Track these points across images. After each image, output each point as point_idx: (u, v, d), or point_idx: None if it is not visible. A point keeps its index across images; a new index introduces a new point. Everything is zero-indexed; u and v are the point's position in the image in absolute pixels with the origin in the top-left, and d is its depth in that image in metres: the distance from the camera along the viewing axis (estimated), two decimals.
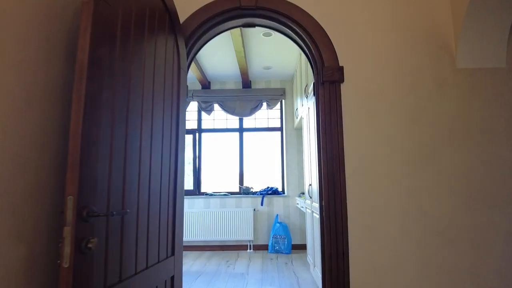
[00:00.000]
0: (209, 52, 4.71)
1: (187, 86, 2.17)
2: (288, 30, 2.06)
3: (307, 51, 2.06)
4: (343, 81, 1.97)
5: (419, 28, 2.07)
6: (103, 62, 1.20)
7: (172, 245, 1.74)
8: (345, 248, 1.80)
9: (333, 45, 1.98)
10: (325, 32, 1.98)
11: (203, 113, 5.90)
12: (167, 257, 1.67)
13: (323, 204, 1.86)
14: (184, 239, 5.33)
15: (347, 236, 1.82)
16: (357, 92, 1.99)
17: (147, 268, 1.46)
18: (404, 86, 2.02)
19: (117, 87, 1.30)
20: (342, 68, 1.97)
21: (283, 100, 5.84)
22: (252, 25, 2.22)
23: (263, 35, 4.20)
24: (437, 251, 1.91)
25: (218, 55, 4.81)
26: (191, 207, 5.50)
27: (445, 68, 2.03)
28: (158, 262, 1.57)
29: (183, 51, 1.92)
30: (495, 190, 1.97)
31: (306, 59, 4.10)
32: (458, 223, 1.94)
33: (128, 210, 1.19)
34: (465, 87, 2.03)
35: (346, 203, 1.85)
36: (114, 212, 1.09)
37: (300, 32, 1.97)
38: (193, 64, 4.85)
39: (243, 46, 4.32)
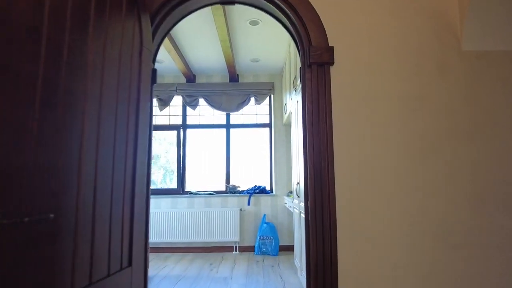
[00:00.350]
0: (193, 43, 4.43)
1: (155, 69, 1.90)
2: (271, 6, 1.80)
3: (291, 29, 1.80)
4: (333, 63, 1.72)
5: (421, 5, 1.82)
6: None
7: (129, 254, 1.46)
8: (333, 256, 1.54)
9: (321, 22, 1.73)
10: (312, 6, 1.72)
11: (189, 109, 5.61)
12: (121, 269, 1.39)
13: (308, 204, 1.61)
14: (166, 240, 5.04)
15: (336, 242, 1.57)
16: (349, 76, 1.74)
17: (90, 284, 1.19)
18: (404, 70, 1.78)
19: (48, 60, 1.02)
20: (332, 48, 1.71)
21: (272, 95, 5.58)
22: (232, 2, 1.96)
23: (249, 23, 3.93)
24: (440, 257, 1.67)
25: (203, 45, 4.53)
26: (174, 207, 5.21)
27: (450, 51, 1.79)
28: (108, 275, 1.30)
29: (147, 27, 1.65)
30: (504, 189, 1.74)
31: (296, 51, 3.84)
32: (462, 226, 1.70)
33: (51, 215, 0.91)
34: (471, 72, 1.80)
35: (335, 204, 1.60)
36: (26, 219, 0.81)
37: (284, 7, 1.71)
38: (176, 56, 4.56)
39: (229, 35, 4.05)
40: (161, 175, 5.80)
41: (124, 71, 1.45)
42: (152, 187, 5.59)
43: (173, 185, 5.59)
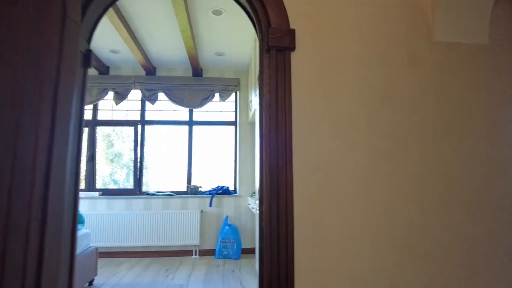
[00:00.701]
0: (152, 31, 4.10)
1: (90, 49, 1.61)
2: None
3: (249, 9, 1.57)
4: (295, 49, 1.51)
5: None
6: None
7: (37, 278, 1.17)
8: (289, 271, 1.33)
9: (282, 1, 1.52)
10: None
11: (148, 104, 5.25)
12: None
13: (263, 210, 1.39)
14: (120, 244, 4.66)
15: (293, 254, 1.36)
16: (312, 63, 1.54)
17: None
18: (372, 59, 1.60)
19: None
20: (293, 31, 1.50)
21: (238, 92, 5.35)
22: None
23: (212, 13, 3.68)
24: (406, 269, 1.51)
25: (163, 35, 4.21)
26: (129, 209, 4.84)
27: (421, 40, 1.64)
28: None
29: None
30: (475, 193, 1.61)
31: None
32: (431, 234, 1.55)
33: None
34: (442, 64, 1.65)
35: (293, 209, 1.39)
36: None
37: None
38: (133, 45, 4.21)
39: (190, 25, 3.77)
40: (124, 174, 5.41)
41: (35, 44, 1.16)
42: (114, 187, 5.19)
43: (129, 184, 5.21)
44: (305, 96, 1.50)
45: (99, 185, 5.15)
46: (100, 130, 5.32)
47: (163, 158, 5.35)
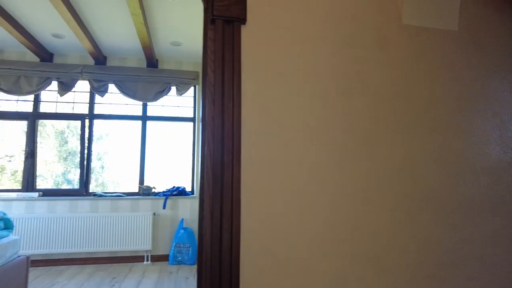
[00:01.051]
0: (99, 15, 3.70)
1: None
2: None
3: None
4: (245, 21, 1.26)
5: None
6: None
7: None
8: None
9: None
10: None
11: (98, 96, 4.79)
12: None
13: (203, 215, 1.13)
14: (62, 251, 4.19)
15: (238, 278, 1.11)
16: (267, 41, 1.30)
17: None
18: (337, 40, 1.39)
19: None
20: (244, 0, 1.25)
21: (197, 86, 5.03)
22: None
23: None
24: (371, 285, 1.30)
25: (113, 20, 3.82)
26: (73, 211, 4.38)
27: (389, 22, 1.46)
28: None
29: None
30: (445, 195, 1.45)
31: None
32: (397, 243, 1.36)
33: None
34: (411, 50, 1.48)
35: (239, 216, 1.14)
36: None
37: None
38: (78, 30, 3.78)
39: (142, 9, 3.42)
40: (79, 173, 4.91)
41: None
42: (67, 187, 4.67)
43: (74, 184, 4.73)
44: (258, 79, 1.26)
45: (50, 185, 4.64)
46: (53, 126, 4.82)
47: (117, 157, 4.92)
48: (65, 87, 4.56)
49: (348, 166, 1.34)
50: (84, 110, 4.81)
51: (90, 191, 4.68)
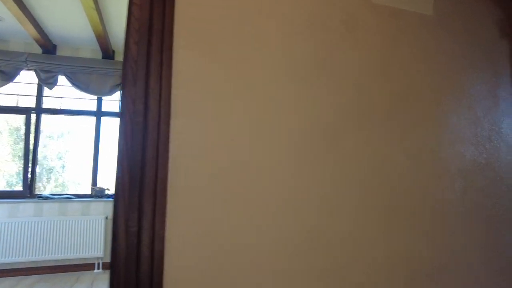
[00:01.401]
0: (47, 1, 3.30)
1: None
2: None
3: None
4: None
5: None
6: None
7: None
8: None
9: None
10: None
11: (46, 89, 4.35)
12: None
13: (117, 231, 0.87)
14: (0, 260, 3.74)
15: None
16: (211, 11, 1.05)
17: None
18: (296, 18, 1.16)
19: None
20: None
21: None
22: None
23: None
24: None
25: (59, 4, 3.43)
26: (13, 215, 3.92)
27: (358, 0, 1.25)
28: None
29: None
30: (418, 203, 1.26)
31: None
32: (370, 253, 1.16)
33: None
34: (384, 33, 1.28)
35: (164, 227, 0.88)
36: None
37: None
38: (19, 13, 3.36)
39: None
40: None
41: None
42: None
43: (16, 186, 4.26)
44: (195, 55, 1.01)
45: (2, 185, 4.16)
46: (7, 123, 4.34)
47: (75, 156, 4.51)
48: (6, 77, 4.09)
49: (305, 166, 1.11)
50: (29, 103, 4.35)
51: (37, 192, 4.23)
